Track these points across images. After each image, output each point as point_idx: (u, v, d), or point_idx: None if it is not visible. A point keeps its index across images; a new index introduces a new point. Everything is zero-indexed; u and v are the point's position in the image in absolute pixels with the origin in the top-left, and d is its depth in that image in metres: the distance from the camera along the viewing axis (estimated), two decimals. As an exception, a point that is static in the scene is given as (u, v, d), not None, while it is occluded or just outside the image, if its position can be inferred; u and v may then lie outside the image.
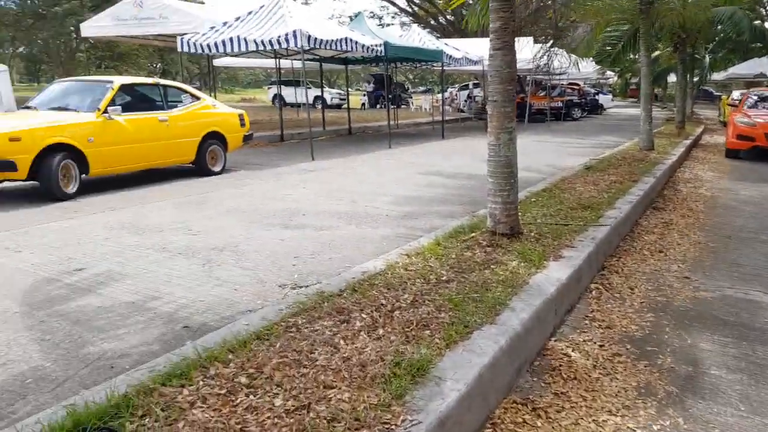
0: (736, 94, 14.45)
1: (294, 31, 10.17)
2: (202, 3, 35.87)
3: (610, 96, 36.16)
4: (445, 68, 16.31)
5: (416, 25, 21.87)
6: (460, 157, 11.40)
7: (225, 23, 11.72)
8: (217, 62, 21.91)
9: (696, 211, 6.78)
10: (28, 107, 7.54)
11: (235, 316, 3.29)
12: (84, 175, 6.78)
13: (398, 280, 3.44)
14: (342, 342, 2.59)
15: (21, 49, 45.45)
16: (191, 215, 5.89)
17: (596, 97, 28.11)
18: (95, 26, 16.59)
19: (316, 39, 10.49)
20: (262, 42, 10.55)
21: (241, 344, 2.55)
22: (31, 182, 6.46)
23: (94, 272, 4.07)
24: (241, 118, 9.31)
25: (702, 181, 8.99)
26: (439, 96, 29.06)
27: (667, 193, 7.80)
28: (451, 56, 15.21)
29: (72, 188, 6.58)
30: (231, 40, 10.84)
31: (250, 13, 11.68)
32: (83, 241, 4.83)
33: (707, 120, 23.98)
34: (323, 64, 15.95)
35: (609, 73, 30.54)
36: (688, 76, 19.28)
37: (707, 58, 23.86)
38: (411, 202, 6.85)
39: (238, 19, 11.70)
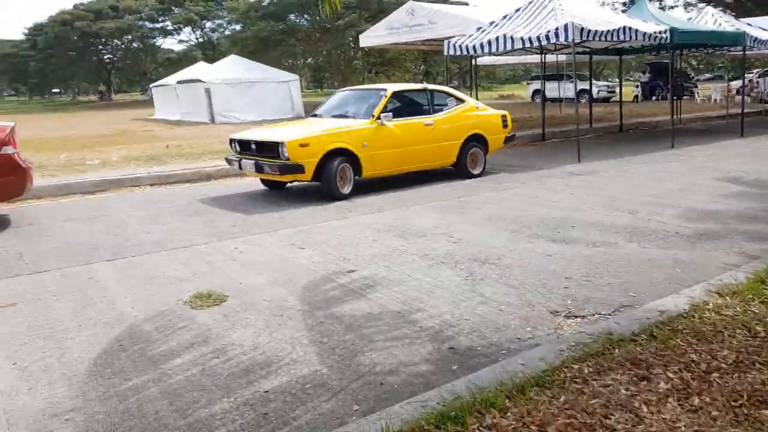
0: None
1: (565, 25, 9.49)
2: (466, 4, 36.82)
3: None
4: (747, 53, 13.62)
5: (708, 5, 18.79)
6: (764, 159, 9.32)
7: (492, 23, 11.57)
8: (478, 60, 22.18)
9: None
10: (315, 115, 8.42)
11: (504, 344, 2.99)
12: (357, 177, 7.28)
13: (711, 329, 2.72)
14: (644, 408, 2.07)
15: (309, 60, 52.97)
16: (451, 220, 5.81)
17: None
18: (372, 36, 18.14)
19: (589, 31, 9.63)
20: (530, 39, 10.10)
21: (519, 390, 2.22)
22: (314, 182, 7.16)
23: (364, 275, 4.19)
24: (503, 119, 9.03)
25: None
26: (734, 84, 24.70)
27: None
28: (756, 38, 12.59)
29: (347, 189, 7.12)
30: (497, 39, 10.63)
31: (518, 10, 11.33)
32: (355, 242, 5.09)
33: None
34: (593, 56, 14.75)
35: None
36: None
37: None
38: (706, 217, 5.71)
39: (505, 17, 11.45)
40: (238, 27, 49.47)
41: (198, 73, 24.67)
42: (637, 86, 28.66)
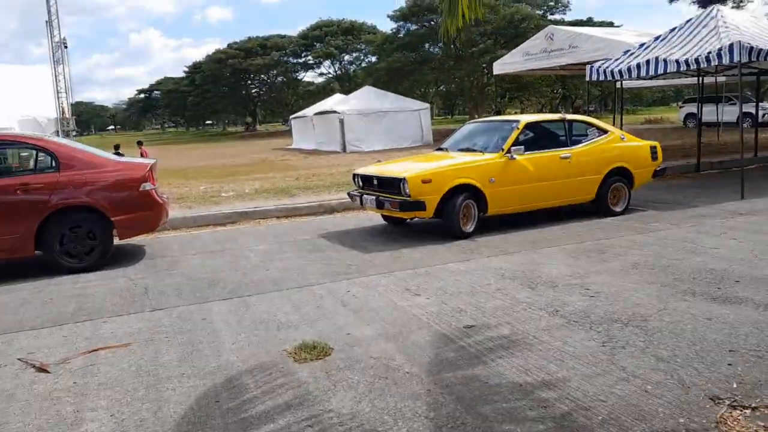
0: None
1: (730, 45, 8.39)
2: (611, 24, 34.82)
3: None
4: None
5: None
6: None
7: (642, 45, 10.67)
8: (625, 84, 20.72)
9: None
10: (440, 149, 8.15)
11: (651, 442, 2.41)
12: (482, 214, 6.84)
13: None
14: None
15: (441, 88, 53.37)
16: (588, 268, 5.16)
17: None
18: (507, 63, 17.69)
19: (760, 50, 8.43)
20: (686, 61, 9.11)
21: None
22: (436, 219, 6.83)
23: (483, 332, 3.75)
24: (653, 150, 8.09)
25: None
26: None
27: None
28: None
29: (470, 227, 6.70)
30: (647, 62, 9.73)
31: (672, 30, 10.33)
32: (475, 290, 4.66)
33: None
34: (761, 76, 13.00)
35: None
36: None
37: None
38: None
39: (658, 38, 10.50)
40: (374, 59, 51.56)
41: (333, 104, 25.80)
42: (814, 108, 24.94)
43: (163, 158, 23.81)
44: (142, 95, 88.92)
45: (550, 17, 42.35)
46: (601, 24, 34.91)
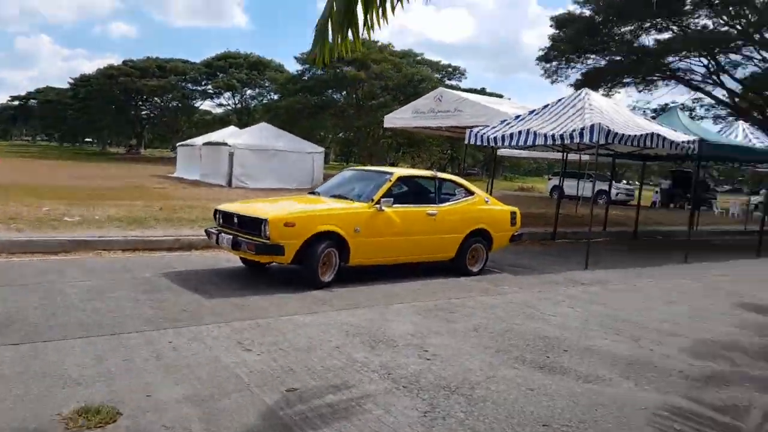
0: None
1: (591, 126, 9.18)
2: (500, 96, 37.41)
3: None
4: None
5: (740, 120, 18.61)
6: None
7: (518, 117, 11.41)
8: (501, 152, 22.13)
9: None
10: (313, 193, 8.04)
11: None
12: (344, 263, 6.74)
13: None
14: None
15: (340, 134, 54.16)
16: (432, 328, 5.18)
17: None
18: (397, 117, 18.22)
19: (615, 134, 9.30)
20: (553, 136, 9.83)
21: None
22: (294, 265, 6.60)
23: (306, 399, 3.51)
24: (513, 216, 8.52)
25: None
26: (753, 199, 24.06)
27: None
28: (786, 157, 12.17)
29: (328, 277, 6.56)
30: (520, 133, 10.39)
31: (546, 106, 11.19)
32: (312, 346, 4.45)
33: None
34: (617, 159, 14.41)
35: None
36: None
37: None
38: (718, 353, 5.03)
39: (532, 112, 11.31)
40: (276, 97, 51.20)
41: (224, 136, 25.05)
42: (657, 192, 28.26)
43: (22, 172, 21.58)
44: (16, 102, 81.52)
45: (447, 82, 44.84)
46: (492, 94, 37.46)
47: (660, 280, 8.57)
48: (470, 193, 8.20)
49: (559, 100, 11.21)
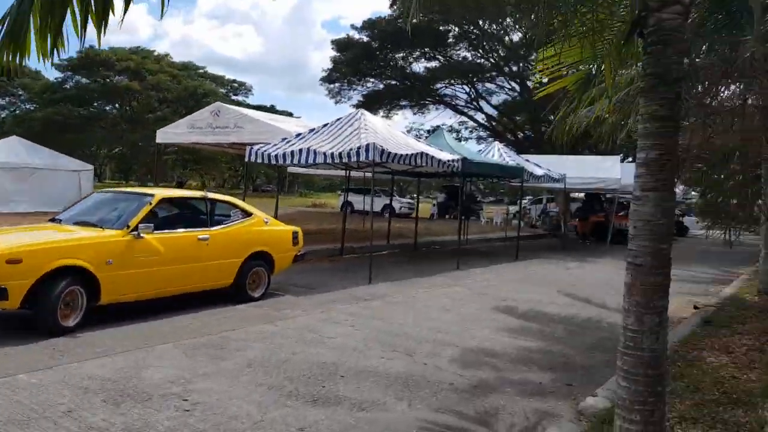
0: None
1: (367, 145, 9.42)
2: (291, 114, 37.42)
3: (694, 218, 33.44)
4: (524, 184, 15.11)
5: (496, 140, 21.21)
6: (537, 287, 9.79)
7: (299, 135, 11.29)
8: (292, 169, 21.97)
9: None
10: (54, 220, 6.80)
11: None
12: (94, 302, 5.74)
13: None
14: None
15: (116, 150, 49.09)
16: (198, 370, 4.60)
17: (681, 219, 25.73)
18: (171, 132, 16.86)
19: (389, 153, 9.72)
20: (332, 155, 9.88)
21: None
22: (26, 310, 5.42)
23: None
24: (294, 235, 8.25)
25: None
26: (512, 208, 27.70)
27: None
28: (531, 173, 14.04)
29: (72, 321, 5.49)
30: (300, 151, 10.27)
31: (325, 125, 11.24)
32: (34, 417, 3.55)
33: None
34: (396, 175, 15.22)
35: (693, 193, 28.25)
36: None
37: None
38: (483, 361, 5.32)
39: (312, 131, 11.30)
40: (31, 107, 44.35)
41: (-40, 152, 20.68)
42: (434, 205, 31.04)
43: None
44: None
45: (233, 97, 43.59)
46: (281, 112, 37.36)
47: (435, 289, 9.06)
48: (247, 214, 7.74)
49: (338, 119, 11.40)
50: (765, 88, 6.01)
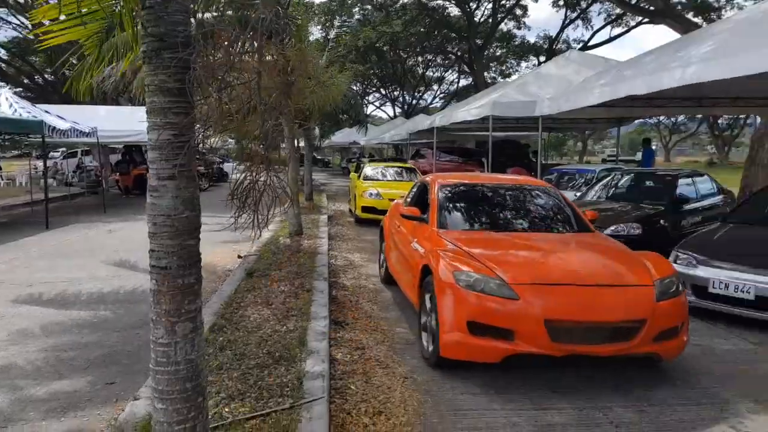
0: (369, 170, 15.33)
1: None
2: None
3: (233, 163, 36.42)
4: (47, 140, 12.97)
5: (6, 87, 17.28)
6: (76, 259, 8.70)
7: None
8: None
9: (376, 319, 6.11)
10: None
11: None
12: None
13: None
14: None
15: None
16: None
17: (221, 165, 27.55)
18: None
19: None
20: None
21: None
22: None
23: None
24: None
25: (356, 268, 8.61)
26: (40, 164, 23.82)
27: (337, 295, 7.03)
28: (54, 128, 12.09)
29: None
30: None
31: None
32: None
33: (323, 186, 26.09)
34: None
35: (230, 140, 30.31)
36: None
37: (317, 129, 26.01)
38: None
39: None
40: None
41: None
42: None
43: None
44: None
45: None
46: None
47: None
48: None
49: None
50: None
